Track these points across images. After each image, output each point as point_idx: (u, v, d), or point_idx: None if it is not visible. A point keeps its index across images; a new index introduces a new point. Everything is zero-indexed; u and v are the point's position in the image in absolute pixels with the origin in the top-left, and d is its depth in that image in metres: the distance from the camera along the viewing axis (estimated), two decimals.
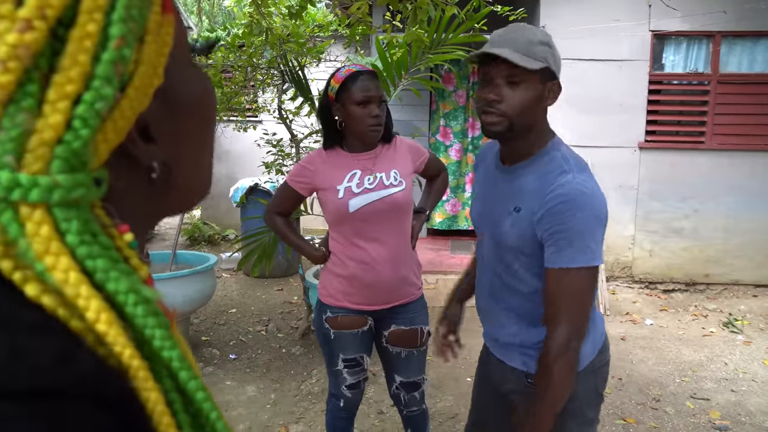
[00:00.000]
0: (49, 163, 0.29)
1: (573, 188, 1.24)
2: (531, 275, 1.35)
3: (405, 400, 2.08)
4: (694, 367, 3.68)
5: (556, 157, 1.31)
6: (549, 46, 1.27)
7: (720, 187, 5.10)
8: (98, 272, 0.31)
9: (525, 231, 1.30)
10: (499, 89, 1.27)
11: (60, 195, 0.29)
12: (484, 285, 1.49)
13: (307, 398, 3.17)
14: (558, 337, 1.23)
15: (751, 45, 5.06)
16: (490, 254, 1.44)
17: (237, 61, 4.10)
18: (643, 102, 5.11)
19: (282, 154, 4.19)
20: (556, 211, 1.23)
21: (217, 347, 3.85)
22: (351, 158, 1.91)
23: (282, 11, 3.67)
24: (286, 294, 5.10)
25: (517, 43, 1.25)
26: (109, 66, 0.31)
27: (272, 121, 4.77)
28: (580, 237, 1.22)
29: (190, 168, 0.43)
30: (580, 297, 1.25)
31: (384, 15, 4.71)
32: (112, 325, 0.31)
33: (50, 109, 0.29)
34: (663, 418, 3.03)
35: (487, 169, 1.48)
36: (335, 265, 1.97)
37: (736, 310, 4.75)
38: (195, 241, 6.74)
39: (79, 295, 0.30)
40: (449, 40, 3.07)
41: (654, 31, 5.04)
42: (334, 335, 1.97)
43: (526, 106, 1.27)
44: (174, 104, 0.39)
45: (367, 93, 1.82)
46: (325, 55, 4.27)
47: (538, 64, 1.24)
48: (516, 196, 1.33)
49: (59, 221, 0.30)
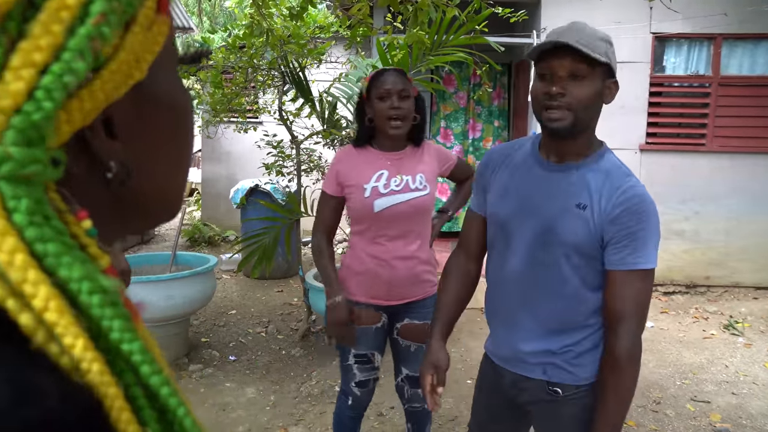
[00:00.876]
0: (2, 133, 0.26)
1: (644, 192, 1.27)
2: (578, 278, 1.32)
3: (408, 394, 2.11)
4: (695, 369, 3.67)
5: (613, 160, 1.33)
6: (610, 44, 1.27)
7: (721, 190, 5.10)
8: (49, 257, 0.27)
9: (588, 228, 1.28)
10: (563, 83, 1.24)
11: (9, 168, 0.26)
12: (512, 292, 1.42)
13: (306, 400, 3.16)
14: (628, 337, 1.25)
15: (752, 47, 5.06)
16: (523, 258, 1.37)
17: (238, 62, 4.10)
18: (644, 104, 5.11)
19: (282, 156, 4.19)
20: (633, 211, 1.24)
21: (216, 349, 3.84)
22: (379, 156, 1.97)
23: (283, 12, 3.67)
24: (286, 295, 5.09)
25: (581, 37, 1.23)
26: (84, 40, 0.28)
27: (273, 123, 4.77)
28: (654, 238, 1.26)
29: (155, 179, 0.40)
30: (648, 297, 1.29)
31: (385, 16, 4.71)
32: (62, 314, 0.27)
33: (12, 75, 0.26)
34: (663, 421, 3.02)
35: (519, 168, 1.41)
36: (353, 261, 2.03)
37: (737, 313, 4.75)
38: (195, 243, 6.74)
39: (25, 280, 0.27)
40: (450, 42, 3.07)
41: (655, 33, 5.03)
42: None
43: (591, 101, 1.25)
44: (149, 107, 0.37)
45: (385, 86, 1.88)
46: (325, 56, 4.27)
47: (603, 58, 1.23)
48: (578, 193, 1.29)
49: (6, 198, 0.27)
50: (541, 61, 1.27)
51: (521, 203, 1.38)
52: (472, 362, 3.53)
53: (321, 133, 3.84)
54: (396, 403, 3.07)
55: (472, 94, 6.19)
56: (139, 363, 0.30)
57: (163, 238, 7.24)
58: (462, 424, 2.89)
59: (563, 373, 1.36)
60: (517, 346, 1.41)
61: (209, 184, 7.50)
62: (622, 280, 1.26)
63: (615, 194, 1.26)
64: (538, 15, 5.12)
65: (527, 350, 1.39)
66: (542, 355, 1.37)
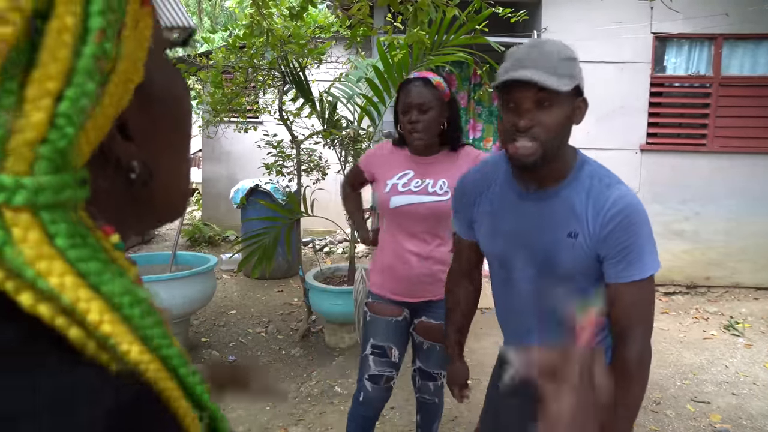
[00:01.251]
0: (33, 164, 0.28)
1: (629, 201, 1.23)
2: (585, 296, 1.31)
3: (418, 384, 2.18)
4: (695, 370, 3.67)
5: (593, 172, 1.27)
6: (574, 60, 1.19)
7: (721, 190, 5.09)
8: (91, 275, 0.30)
9: (584, 254, 1.25)
10: (530, 114, 1.18)
11: (46, 197, 0.28)
12: (519, 315, 1.40)
13: (306, 400, 3.16)
14: (636, 346, 1.25)
15: (753, 47, 5.05)
16: (529, 286, 1.35)
17: (238, 62, 4.10)
18: (645, 104, 5.10)
19: (282, 156, 4.18)
20: (622, 226, 1.21)
21: (216, 348, 3.84)
22: (410, 158, 2.04)
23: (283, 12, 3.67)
24: (286, 295, 5.09)
25: (542, 63, 1.15)
26: (90, 60, 0.29)
27: (273, 123, 4.77)
28: (648, 247, 1.24)
29: (168, 173, 0.42)
30: (652, 302, 1.28)
31: (385, 16, 4.71)
32: (116, 324, 0.30)
33: (32, 106, 0.27)
34: (663, 421, 3.02)
35: (500, 199, 1.36)
36: (379, 255, 2.15)
37: (737, 313, 4.74)
38: (195, 242, 6.74)
39: (78, 299, 0.29)
40: (450, 42, 3.07)
41: (656, 34, 5.03)
42: (369, 318, 2.14)
43: (561, 128, 1.19)
44: (151, 102, 0.38)
45: (407, 100, 1.93)
46: (326, 56, 4.27)
47: (568, 83, 1.16)
48: (565, 222, 1.26)
49: (47, 224, 0.28)
50: (505, 91, 1.21)
51: (512, 240, 1.35)
52: (473, 363, 3.52)
53: (321, 133, 3.83)
54: (396, 405, 3.07)
55: (473, 94, 6.19)
56: (177, 366, 0.33)
57: (163, 238, 7.24)
58: (462, 424, 2.89)
59: None
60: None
61: (209, 183, 7.50)
62: (623, 292, 1.25)
63: (601, 213, 1.22)
64: (539, 15, 5.12)
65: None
66: None
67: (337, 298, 3.66)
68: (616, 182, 1.27)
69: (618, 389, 1.26)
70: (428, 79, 1.93)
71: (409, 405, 3.05)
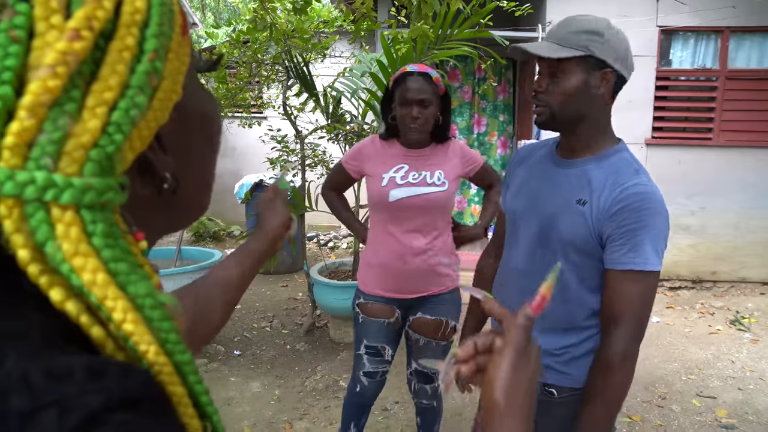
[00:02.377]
0: (83, 166, 0.30)
1: (649, 189, 1.21)
2: (576, 277, 1.30)
3: (415, 388, 2.15)
4: (701, 364, 3.65)
5: (626, 157, 1.29)
6: (597, 34, 1.22)
7: (727, 184, 5.06)
8: (120, 275, 0.32)
9: (587, 225, 1.25)
10: (542, 80, 1.28)
11: (91, 197, 0.30)
12: (512, 289, 1.42)
13: (311, 394, 3.17)
14: (622, 341, 1.21)
15: (760, 40, 5.00)
16: (527, 253, 1.37)
17: (241, 57, 4.09)
18: (651, 98, 5.07)
19: (287, 150, 4.18)
20: (634, 207, 1.19)
21: (221, 343, 3.86)
22: (402, 151, 2.02)
23: (286, 7, 3.66)
24: (291, 290, 5.10)
25: (555, 35, 1.25)
26: (144, 77, 0.33)
27: (277, 117, 4.76)
28: (656, 238, 1.20)
29: (194, 184, 0.45)
30: (649, 302, 1.23)
31: (389, 10, 4.69)
32: (138, 324, 0.32)
33: (89, 114, 0.31)
34: (669, 416, 3.01)
35: (536, 165, 1.43)
36: (368, 253, 2.09)
37: (744, 308, 4.72)
38: (200, 237, 6.76)
39: (106, 297, 0.31)
40: (455, 36, 3.05)
41: (662, 27, 4.99)
42: (362, 320, 2.10)
43: (568, 97, 1.25)
44: (186, 119, 0.42)
45: (407, 94, 1.91)
46: (329, 50, 4.25)
47: (571, 52, 1.21)
48: (580, 189, 1.28)
49: (87, 223, 0.31)
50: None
51: (530, 199, 1.38)
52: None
53: (325, 127, 3.83)
54: (401, 399, 3.07)
55: (477, 88, 6.17)
56: (188, 372, 0.35)
57: None
58: (467, 420, 2.89)
59: (558, 375, 1.34)
60: None
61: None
62: (618, 279, 1.22)
63: (617, 190, 1.22)
64: (543, 9, 5.09)
65: None
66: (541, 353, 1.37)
67: (342, 293, 3.66)
68: (646, 174, 1.26)
69: (597, 384, 1.24)
70: (428, 74, 1.94)
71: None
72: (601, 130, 1.31)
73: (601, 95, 1.26)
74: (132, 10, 0.33)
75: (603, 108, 1.29)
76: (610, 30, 1.24)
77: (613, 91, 1.27)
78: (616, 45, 1.24)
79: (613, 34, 1.25)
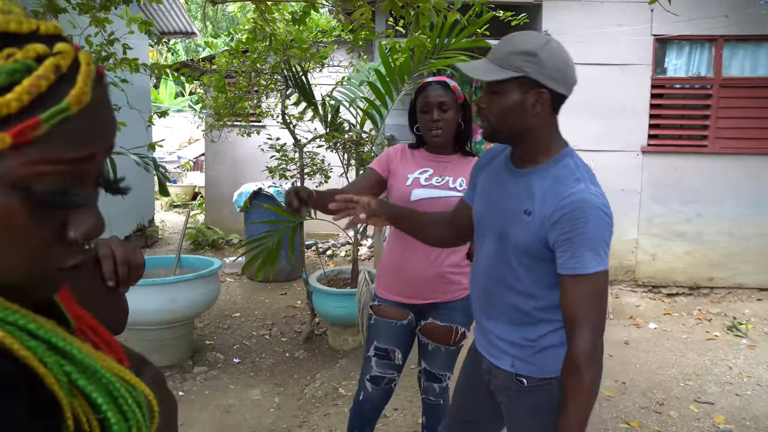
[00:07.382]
0: None
1: (585, 198, 1.27)
2: (530, 276, 1.38)
3: (424, 385, 2.19)
4: (698, 370, 3.67)
5: (569, 165, 1.35)
6: (531, 54, 1.27)
7: (723, 191, 5.10)
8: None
9: (534, 234, 1.32)
10: (483, 97, 1.37)
11: None
12: (482, 283, 1.51)
13: (310, 402, 3.17)
14: (584, 341, 1.26)
15: (754, 49, 5.06)
16: (490, 252, 1.46)
17: (241, 66, 4.13)
18: (646, 106, 5.12)
19: (285, 159, 4.21)
20: (572, 216, 1.26)
21: (221, 351, 3.86)
22: (428, 157, 2.11)
23: (285, 17, 3.70)
24: (290, 298, 5.11)
25: (495, 54, 1.32)
26: None
27: (276, 126, 4.79)
28: (596, 243, 1.26)
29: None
30: (599, 299, 1.29)
31: (387, 20, 4.74)
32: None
33: None
34: (667, 422, 3.02)
35: (494, 171, 1.51)
36: (387, 256, 2.17)
37: (741, 314, 4.74)
38: (199, 246, 6.76)
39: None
40: (452, 46, 3.09)
41: (656, 35, 5.04)
42: (374, 320, 2.16)
43: (505, 113, 1.33)
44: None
45: (426, 100, 2.03)
46: (328, 60, 4.29)
47: (505, 74, 1.28)
48: (527, 199, 1.35)
49: None
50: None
51: (489, 204, 1.49)
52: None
53: (324, 136, 3.86)
54: (399, 406, 3.08)
55: (473, 97, 6.21)
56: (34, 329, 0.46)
57: (167, 242, 7.27)
58: None
59: (527, 365, 1.42)
60: (488, 335, 1.50)
61: (213, 187, 7.53)
62: (568, 282, 1.29)
63: (557, 200, 1.29)
64: (539, 18, 5.14)
65: (496, 339, 1.47)
66: (508, 345, 1.44)
67: (341, 301, 3.68)
68: (587, 181, 1.32)
69: (568, 386, 1.30)
70: (446, 83, 2.05)
71: (413, 406, 3.06)
72: (544, 143, 1.37)
73: (537, 113, 1.32)
74: None
75: (544, 122, 1.35)
76: (545, 49, 1.28)
77: (552, 106, 1.33)
78: (550, 64, 1.28)
79: (549, 53, 1.28)
